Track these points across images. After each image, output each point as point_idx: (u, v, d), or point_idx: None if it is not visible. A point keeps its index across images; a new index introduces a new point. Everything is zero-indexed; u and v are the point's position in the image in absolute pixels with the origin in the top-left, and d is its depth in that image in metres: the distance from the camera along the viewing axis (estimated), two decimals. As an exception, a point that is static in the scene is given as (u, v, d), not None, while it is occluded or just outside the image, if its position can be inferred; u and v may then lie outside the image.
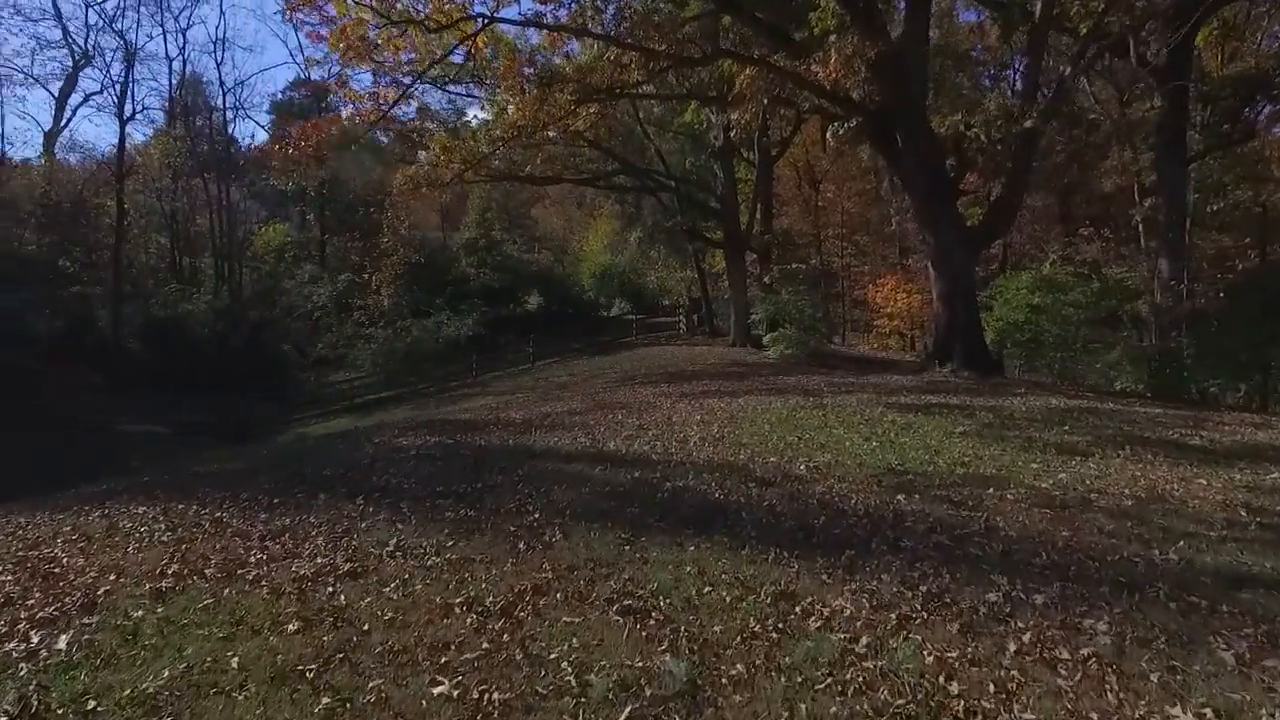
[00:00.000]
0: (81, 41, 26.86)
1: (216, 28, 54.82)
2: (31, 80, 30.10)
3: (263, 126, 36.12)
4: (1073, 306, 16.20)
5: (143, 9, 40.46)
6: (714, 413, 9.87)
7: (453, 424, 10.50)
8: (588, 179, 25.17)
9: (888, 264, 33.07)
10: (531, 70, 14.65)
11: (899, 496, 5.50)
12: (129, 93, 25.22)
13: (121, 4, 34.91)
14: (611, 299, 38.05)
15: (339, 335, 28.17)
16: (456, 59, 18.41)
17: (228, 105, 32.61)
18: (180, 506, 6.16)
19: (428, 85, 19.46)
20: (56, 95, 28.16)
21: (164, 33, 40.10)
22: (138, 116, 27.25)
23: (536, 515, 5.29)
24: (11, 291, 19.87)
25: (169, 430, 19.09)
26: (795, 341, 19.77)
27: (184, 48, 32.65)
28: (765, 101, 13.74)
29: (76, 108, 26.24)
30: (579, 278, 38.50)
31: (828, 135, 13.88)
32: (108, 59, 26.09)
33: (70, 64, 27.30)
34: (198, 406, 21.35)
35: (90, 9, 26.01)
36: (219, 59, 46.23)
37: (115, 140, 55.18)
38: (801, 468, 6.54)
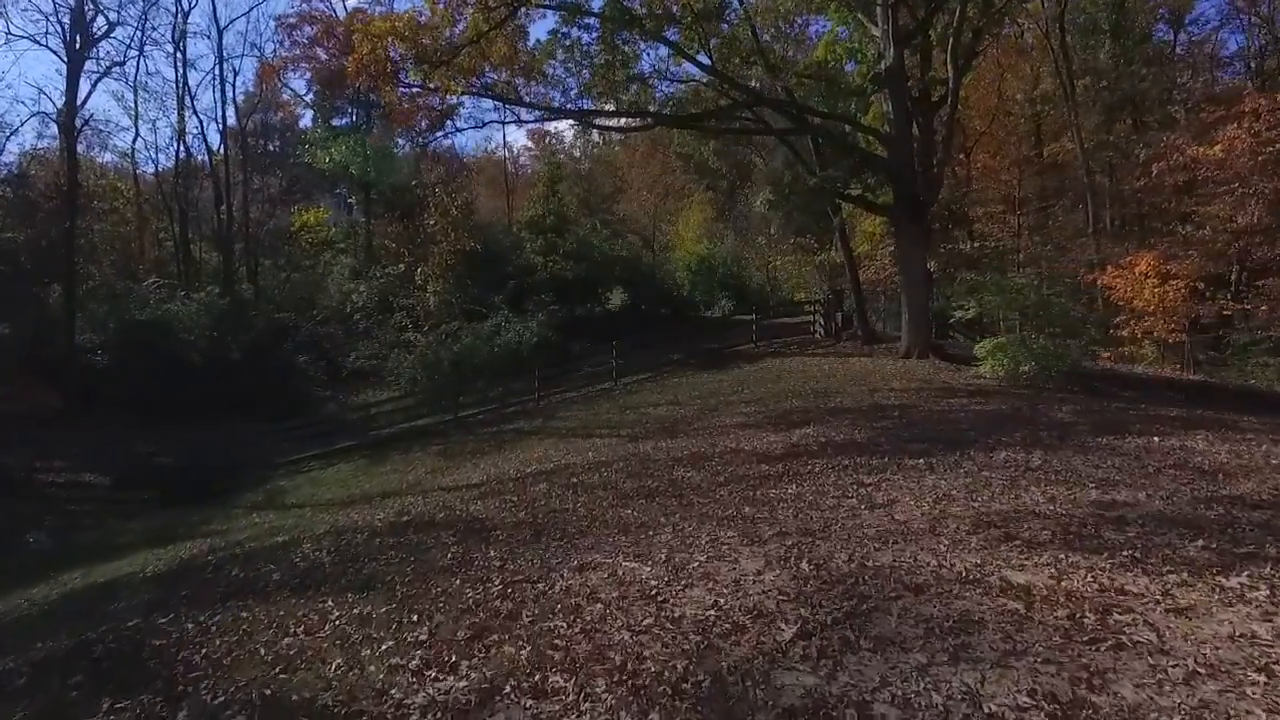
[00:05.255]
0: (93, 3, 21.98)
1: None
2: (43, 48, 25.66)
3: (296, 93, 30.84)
4: None
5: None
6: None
7: None
8: (691, 118, 18.14)
9: (1075, 256, 23.94)
10: None
11: None
12: (85, 25, 20.02)
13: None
14: (712, 295, 30.87)
15: (376, 343, 22.55)
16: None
17: (225, 46, 27.37)
18: None
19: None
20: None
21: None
22: (102, 57, 21.86)
23: None
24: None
25: (107, 480, 13.54)
26: (1047, 355, 11.99)
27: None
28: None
29: (95, 84, 21.17)
30: (672, 270, 31.50)
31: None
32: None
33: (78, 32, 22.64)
34: (173, 441, 15.85)
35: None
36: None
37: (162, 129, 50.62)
38: None
